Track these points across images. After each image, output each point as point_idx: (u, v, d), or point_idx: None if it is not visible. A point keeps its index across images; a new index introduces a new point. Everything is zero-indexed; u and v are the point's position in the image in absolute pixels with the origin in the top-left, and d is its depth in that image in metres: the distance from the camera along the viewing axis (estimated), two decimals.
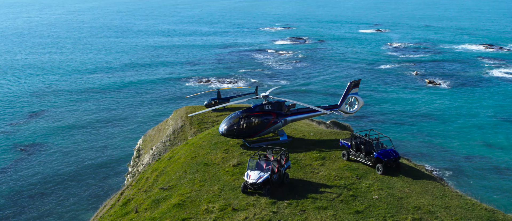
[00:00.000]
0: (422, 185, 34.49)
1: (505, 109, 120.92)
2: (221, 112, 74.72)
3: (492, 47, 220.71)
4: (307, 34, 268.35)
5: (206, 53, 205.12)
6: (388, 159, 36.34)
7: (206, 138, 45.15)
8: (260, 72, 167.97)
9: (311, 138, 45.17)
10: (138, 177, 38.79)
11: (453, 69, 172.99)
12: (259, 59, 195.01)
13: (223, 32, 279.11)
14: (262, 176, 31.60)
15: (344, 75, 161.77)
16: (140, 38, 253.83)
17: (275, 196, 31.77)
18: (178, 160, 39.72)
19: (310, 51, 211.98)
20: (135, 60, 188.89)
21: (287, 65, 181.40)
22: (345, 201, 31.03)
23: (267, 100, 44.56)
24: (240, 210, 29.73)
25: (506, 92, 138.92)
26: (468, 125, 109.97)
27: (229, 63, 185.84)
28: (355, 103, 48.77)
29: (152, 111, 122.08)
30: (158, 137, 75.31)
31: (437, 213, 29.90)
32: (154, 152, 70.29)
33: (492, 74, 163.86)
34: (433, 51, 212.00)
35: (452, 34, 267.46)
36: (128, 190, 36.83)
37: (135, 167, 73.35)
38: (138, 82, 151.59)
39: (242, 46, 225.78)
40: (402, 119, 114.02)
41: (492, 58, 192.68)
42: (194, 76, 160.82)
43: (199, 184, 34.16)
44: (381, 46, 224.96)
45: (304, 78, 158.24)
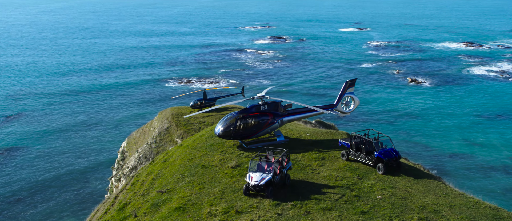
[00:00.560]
0: (424, 184, 34.66)
1: (487, 108, 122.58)
2: (207, 113, 74.28)
3: (472, 45, 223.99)
4: (287, 33, 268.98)
5: (186, 54, 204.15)
6: (389, 159, 36.42)
7: (201, 139, 44.74)
8: (241, 72, 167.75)
9: (307, 138, 45.10)
10: (133, 180, 38.21)
11: (435, 67, 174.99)
12: (239, 59, 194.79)
13: (202, 32, 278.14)
14: (264, 178, 31.40)
15: (326, 74, 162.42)
16: (118, 38, 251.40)
17: (277, 198, 31.60)
18: (174, 162, 39.25)
19: (291, 50, 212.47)
20: (113, 62, 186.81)
21: (268, 64, 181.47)
22: (349, 202, 31.02)
23: (263, 100, 44.33)
24: (244, 213, 29.48)
25: (488, 90, 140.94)
26: (451, 123, 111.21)
27: (209, 63, 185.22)
28: (351, 103, 48.84)
29: (134, 113, 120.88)
30: (143, 139, 74.54)
31: (442, 212, 30.07)
32: (139, 154, 69.55)
33: (473, 72, 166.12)
34: (414, 49, 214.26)
35: (432, 32, 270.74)
36: (122, 194, 36.25)
37: (120, 169, 72.46)
38: (117, 84, 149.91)
39: (222, 46, 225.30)
40: (385, 118, 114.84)
41: (473, 56, 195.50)
42: (174, 77, 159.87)
43: (199, 187, 33.78)
44: (362, 45, 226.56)
45: (286, 78, 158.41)
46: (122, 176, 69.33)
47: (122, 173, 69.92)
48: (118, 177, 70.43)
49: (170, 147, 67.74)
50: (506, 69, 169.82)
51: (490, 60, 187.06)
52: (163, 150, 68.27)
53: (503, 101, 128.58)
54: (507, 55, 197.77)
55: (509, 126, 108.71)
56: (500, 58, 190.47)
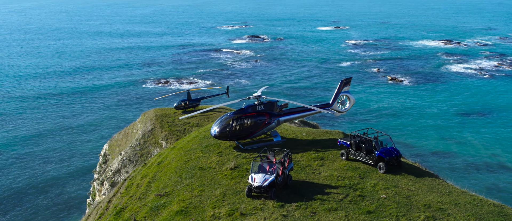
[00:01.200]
0: (426, 183, 34.83)
1: (467, 105, 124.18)
2: (191, 114, 73.66)
3: (450, 42, 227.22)
4: (265, 32, 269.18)
5: (162, 54, 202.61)
6: (390, 157, 36.50)
7: (195, 141, 44.26)
8: (220, 72, 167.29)
9: (304, 138, 44.97)
10: (127, 183, 37.56)
11: (414, 65, 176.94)
12: (218, 58, 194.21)
13: (178, 31, 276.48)
14: (267, 179, 31.14)
15: (306, 74, 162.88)
16: (92, 39, 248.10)
17: (281, 199, 31.39)
18: (169, 164, 38.70)
19: (269, 50, 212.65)
20: (88, 63, 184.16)
21: (247, 64, 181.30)
22: (354, 202, 30.97)
23: (259, 100, 44.07)
24: (249, 215, 29.19)
25: (467, 88, 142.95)
26: (432, 121, 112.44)
27: (187, 63, 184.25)
28: (346, 102, 48.89)
29: (111, 116, 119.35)
30: (126, 141, 73.61)
31: (448, 210, 30.23)
32: (123, 157, 68.68)
33: (452, 70, 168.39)
34: (393, 47, 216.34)
35: (410, 30, 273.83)
36: (117, 198, 35.61)
37: (103, 173, 71.44)
38: (93, 86, 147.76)
39: (199, 46, 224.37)
40: (367, 117, 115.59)
41: (451, 54, 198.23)
42: (151, 78, 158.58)
43: (199, 189, 33.36)
44: (341, 44, 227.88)
45: (266, 77, 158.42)
46: (105, 180, 68.36)
47: (105, 176, 68.91)
48: (101, 181, 69.42)
49: (155, 149, 67.33)
50: (484, 67, 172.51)
51: (468, 57, 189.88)
52: (148, 152, 67.66)
53: (483, 99, 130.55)
54: (485, 52, 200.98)
55: (489, 124, 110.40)
56: (478, 56, 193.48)
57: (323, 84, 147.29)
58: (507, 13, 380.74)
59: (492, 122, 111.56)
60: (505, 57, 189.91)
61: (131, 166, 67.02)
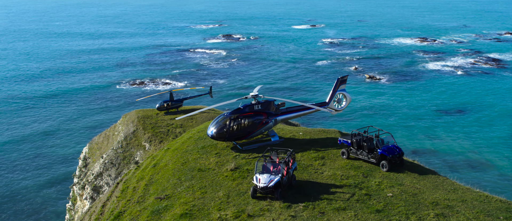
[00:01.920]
0: (430, 180, 35.00)
1: (446, 103, 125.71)
2: (175, 115, 73.16)
3: (426, 40, 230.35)
4: (240, 31, 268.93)
5: (136, 55, 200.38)
6: (392, 155, 36.58)
7: (190, 142, 43.66)
8: (196, 72, 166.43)
9: (302, 138, 44.81)
10: (121, 187, 36.80)
11: (391, 63, 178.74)
12: (193, 58, 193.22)
13: (151, 32, 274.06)
14: (273, 179, 30.85)
15: (284, 73, 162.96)
16: (62, 40, 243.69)
17: (287, 199, 31.12)
18: (166, 167, 38.07)
19: (245, 49, 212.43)
20: (59, 66, 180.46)
21: (223, 64, 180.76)
22: (361, 201, 30.90)
23: (256, 100, 43.73)
24: (256, 216, 28.85)
25: (445, 85, 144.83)
26: (411, 119, 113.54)
27: (161, 64, 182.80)
28: (343, 100, 48.92)
29: (88, 119, 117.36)
30: (107, 144, 72.44)
31: (456, 207, 30.38)
32: (104, 160, 67.58)
33: (429, 67, 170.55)
34: (369, 46, 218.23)
35: (386, 28, 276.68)
36: (112, 202, 34.82)
37: (84, 177, 70.20)
38: (66, 89, 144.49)
39: (174, 46, 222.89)
40: (346, 115, 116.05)
41: (427, 51, 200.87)
42: (126, 79, 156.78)
43: (200, 191, 32.86)
44: (317, 43, 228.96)
45: (243, 77, 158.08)
46: (87, 184, 67.21)
47: (86, 180, 67.75)
48: (82, 185, 68.23)
49: (138, 152, 66.50)
50: (460, 64, 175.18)
51: (444, 55, 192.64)
52: (130, 154, 66.75)
53: (461, 96, 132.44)
54: (461, 50, 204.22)
55: (468, 121, 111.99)
56: (455, 53, 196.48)
57: (302, 84, 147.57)
58: (481, 11, 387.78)
59: (471, 119, 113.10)
60: (480, 55, 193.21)
61: (113, 169, 66.06)
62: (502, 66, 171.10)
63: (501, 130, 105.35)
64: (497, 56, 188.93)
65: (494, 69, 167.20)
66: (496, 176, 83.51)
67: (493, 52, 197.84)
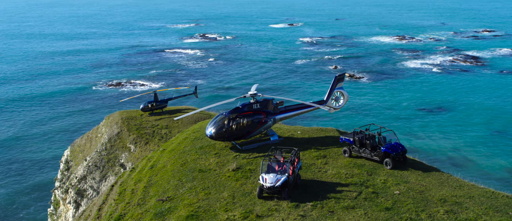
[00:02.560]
0: (435, 177, 35.13)
1: (427, 101, 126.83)
2: (159, 116, 72.49)
3: (404, 38, 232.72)
4: (217, 31, 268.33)
5: (112, 56, 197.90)
6: (396, 153, 36.67)
7: (186, 142, 43.10)
8: (175, 73, 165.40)
9: (300, 137, 44.66)
10: (118, 190, 36.14)
11: (371, 62, 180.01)
12: (170, 58, 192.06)
13: (127, 32, 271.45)
14: (280, 179, 30.61)
15: (263, 73, 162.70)
16: (35, 42, 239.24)
17: (294, 199, 30.94)
18: (164, 168, 37.48)
19: (223, 49, 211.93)
20: (34, 68, 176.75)
21: (201, 64, 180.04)
22: (369, 199, 30.83)
23: (255, 99, 43.41)
24: (265, 217, 28.54)
25: (425, 83, 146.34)
26: (393, 117, 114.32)
27: (138, 64, 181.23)
28: (340, 98, 48.92)
29: (66, 122, 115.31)
30: (90, 146, 71.35)
31: (464, 204, 30.52)
32: (88, 163, 66.54)
33: (408, 65, 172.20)
34: (348, 44, 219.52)
35: (364, 27, 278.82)
36: (110, 206, 34.13)
37: (67, 180, 69.02)
38: (42, 92, 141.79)
39: (150, 46, 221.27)
40: (327, 114, 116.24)
41: (406, 49, 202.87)
42: (103, 80, 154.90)
43: (204, 192, 32.39)
44: (295, 42, 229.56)
45: (222, 77, 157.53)
46: (70, 187, 66.11)
47: (69, 184, 66.61)
48: (65, 189, 67.08)
49: (123, 154, 65.67)
50: (440, 62, 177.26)
51: (423, 53, 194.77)
52: (115, 157, 65.90)
53: (442, 94, 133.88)
54: (440, 48, 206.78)
55: (449, 118, 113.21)
56: (433, 51, 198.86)
57: (283, 84, 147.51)
58: (458, 9, 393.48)
59: (452, 117, 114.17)
60: (459, 52, 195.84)
61: (97, 172, 65.13)
62: (481, 64, 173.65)
63: (481, 128, 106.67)
64: (475, 54, 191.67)
65: (473, 67, 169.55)
66: (478, 172, 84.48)
67: (471, 50, 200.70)
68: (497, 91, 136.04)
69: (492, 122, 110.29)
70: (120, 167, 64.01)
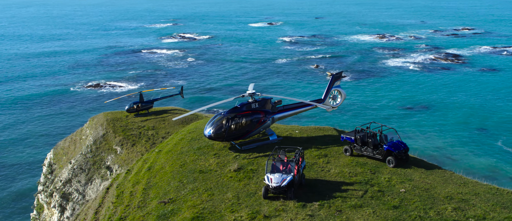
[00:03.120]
0: (438, 175, 35.28)
1: (410, 99, 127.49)
2: (145, 117, 71.82)
3: (384, 37, 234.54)
4: (196, 30, 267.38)
5: (90, 57, 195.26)
6: (398, 151, 36.74)
7: (183, 143, 42.61)
8: (154, 73, 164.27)
9: (299, 136, 44.56)
10: (116, 192, 35.62)
11: (352, 60, 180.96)
12: (149, 59, 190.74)
13: (104, 32, 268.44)
14: (286, 179, 30.43)
15: (245, 73, 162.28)
16: (8, 44, 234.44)
17: (300, 199, 30.82)
18: (162, 170, 36.99)
19: (202, 49, 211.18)
20: (8, 70, 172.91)
21: (181, 64, 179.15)
22: (375, 197, 30.83)
23: (253, 98, 43.17)
24: (273, 217, 28.33)
25: (407, 81, 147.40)
26: (377, 116, 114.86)
27: (116, 65, 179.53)
28: (338, 97, 48.98)
29: (46, 125, 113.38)
30: (74, 148, 70.36)
31: (471, 201, 30.71)
32: (73, 166, 65.58)
33: (390, 64, 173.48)
34: (328, 43, 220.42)
35: (344, 25, 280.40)
36: (108, 209, 33.57)
37: (51, 184, 67.95)
38: (18, 95, 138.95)
39: (128, 46, 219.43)
40: (311, 114, 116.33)
41: (387, 48, 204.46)
42: (81, 82, 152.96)
43: (207, 194, 32.02)
44: (276, 41, 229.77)
45: (203, 77, 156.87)
46: (55, 191, 65.09)
47: (54, 187, 65.58)
48: (50, 192, 66.04)
49: (109, 156, 64.86)
50: (421, 60, 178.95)
51: (404, 51, 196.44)
52: (101, 159, 65.05)
53: (423, 92, 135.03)
54: (420, 46, 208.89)
55: (431, 117, 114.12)
56: (414, 50, 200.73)
57: (266, 84, 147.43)
58: (438, 8, 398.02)
59: (435, 115, 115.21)
60: (439, 50, 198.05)
61: (83, 175, 64.23)
62: (462, 62, 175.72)
63: (463, 126, 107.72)
64: (456, 52, 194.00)
65: (454, 65, 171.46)
66: (461, 170, 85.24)
67: (452, 48, 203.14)
68: (478, 89, 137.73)
69: (474, 120, 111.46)
70: (107, 170, 63.24)
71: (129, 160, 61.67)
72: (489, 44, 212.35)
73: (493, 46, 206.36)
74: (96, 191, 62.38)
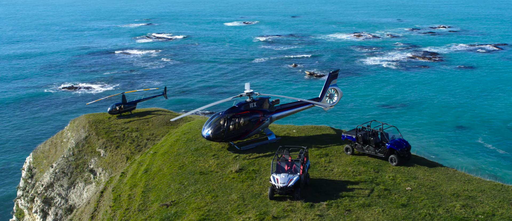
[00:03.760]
0: (442, 172, 35.45)
1: (390, 98, 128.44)
2: (128, 118, 70.92)
3: (361, 35, 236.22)
4: (170, 30, 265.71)
5: (63, 59, 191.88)
6: (401, 149, 36.77)
7: (179, 144, 41.99)
8: (130, 74, 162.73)
9: (297, 135, 44.39)
10: (112, 196, 34.93)
11: (330, 59, 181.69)
12: (124, 59, 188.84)
13: (76, 33, 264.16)
14: (292, 179, 30.19)
15: (222, 73, 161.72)
16: None
17: (307, 199, 30.66)
18: (160, 172, 36.36)
19: (178, 49, 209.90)
20: None
21: (157, 64, 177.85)
22: (382, 196, 30.78)
23: (251, 97, 42.82)
24: (282, 218, 28.01)
25: (384, 80, 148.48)
26: (356, 115, 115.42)
27: (90, 66, 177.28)
28: (334, 95, 49.04)
29: (22, 130, 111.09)
30: (55, 151, 69.11)
31: (477, 197, 30.87)
32: (55, 169, 64.40)
33: (368, 63, 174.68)
34: (306, 42, 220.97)
35: (321, 24, 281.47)
36: (105, 213, 32.91)
37: (31, 189, 66.61)
38: None
39: (102, 47, 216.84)
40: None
41: (365, 46, 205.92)
42: (54, 84, 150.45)
43: (210, 195, 31.57)
44: (252, 40, 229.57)
45: (180, 78, 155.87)
46: (36, 196, 63.83)
47: (35, 192, 64.30)
48: (31, 197, 64.74)
49: (92, 159, 63.78)
50: (399, 59, 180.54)
51: (382, 50, 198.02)
52: (83, 162, 64.02)
53: (402, 90, 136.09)
54: (398, 44, 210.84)
55: (411, 115, 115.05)
56: (392, 48, 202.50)
57: (242, 82, 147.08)
58: (414, 6, 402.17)
59: (413, 113, 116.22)
60: (417, 48, 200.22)
61: (65, 179, 63.13)
62: (439, 60, 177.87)
63: (444, 125, 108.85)
64: (433, 50, 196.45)
65: (432, 62, 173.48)
66: None
67: (429, 46, 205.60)
68: (457, 86, 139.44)
69: (454, 118, 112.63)
70: (90, 173, 62.28)
71: (114, 162, 60.86)
72: (466, 42, 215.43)
73: (470, 44, 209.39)
74: (79, 195, 61.45)
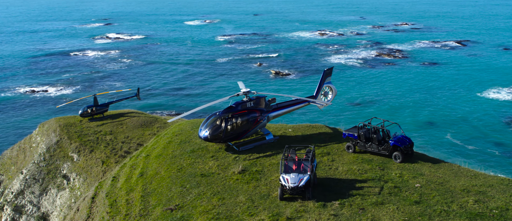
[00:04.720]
0: (447, 168, 35.62)
1: (354, 95, 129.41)
2: (101, 121, 69.38)
3: (325, 33, 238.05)
4: (130, 30, 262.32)
5: (18, 62, 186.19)
6: (405, 146, 36.77)
7: (173, 146, 40.94)
8: (91, 76, 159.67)
9: (294, 134, 44.01)
10: (108, 202, 33.76)
11: (296, 58, 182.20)
12: (83, 60, 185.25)
13: (29, 35, 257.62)
14: (303, 178, 29.78)
15: (186, 74, 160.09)
16: None
17: (319, 199, 30.30)
18: (158, 175, 35.31)
19: (139, 49, 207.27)
20: None
21: (118, 65, 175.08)
22: (394, 193, 30.65)
23: (248, 97, 42.18)
24: (296, 219, 27.51)
25: (351, 77, 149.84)
26: (327, 116, 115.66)
27: (47, 68, 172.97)
28: (329, 93, 48.96)
29: None
30: (24, 157, 67.02)
31: (488, 193, 31.07)
32: (25, 176, 62.47)
33: (334, 61, 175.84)
34: (270, 40, 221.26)
35: (283, 22, 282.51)
36: (102, 219, 31.74)
37: (0, 196, 64.38)
38: None
39: (59, 48, 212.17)
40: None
41: (330, 44, 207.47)
42: (11, 88, 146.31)
43: (217, 198, 30.81)
44: (215, 39, 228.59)
45: (143, 79, 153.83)
46: (6, 204, 61.74)
47: (5, 200, 62.20)
48: (0, 206, 62.53)
49: (65, 164, 62.05)
50: (364, 56, 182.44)
51: (346, 48, 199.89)
52: (56, 168, 62.27)
53: (369, 87, 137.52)
54: (362, 42, 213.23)
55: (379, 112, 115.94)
56: (356, 45, 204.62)
57: (208, 83, 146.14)
58: (376, 3, 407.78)
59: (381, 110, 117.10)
60: (381, 46, 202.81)
61: (37, 185, 61.31)
62: (403, 57, 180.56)
63: (412, 120, 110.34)
64: (397, 47, 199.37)
65: (396, 59, 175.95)
66: None
67: (393, 43, 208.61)
68: (422, 83, 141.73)
69: (422, 114, 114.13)
70: (63, 178, 60.65)
71: (88, 167, 59.48)
72: (429, 38, 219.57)
73: (433, 41, 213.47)
74: (52, 202, 59.80)
